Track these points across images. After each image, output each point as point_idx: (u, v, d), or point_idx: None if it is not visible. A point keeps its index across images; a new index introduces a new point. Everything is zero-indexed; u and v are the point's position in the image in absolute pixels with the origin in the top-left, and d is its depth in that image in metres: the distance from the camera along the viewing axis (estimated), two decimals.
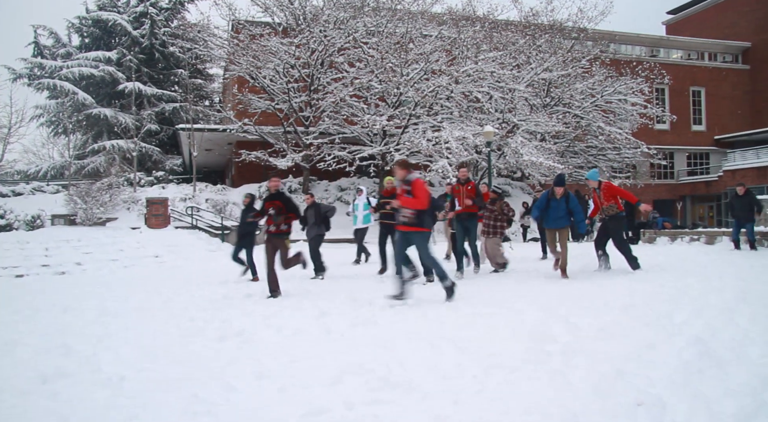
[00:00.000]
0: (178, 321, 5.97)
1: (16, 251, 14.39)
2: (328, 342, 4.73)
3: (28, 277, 12.52)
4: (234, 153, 25.32)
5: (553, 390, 3.28)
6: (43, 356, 4.56)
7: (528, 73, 23.92)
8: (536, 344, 4.31)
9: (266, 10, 23.75)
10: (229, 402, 3.28)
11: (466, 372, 3.68)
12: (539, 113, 24.22)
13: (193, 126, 25.17)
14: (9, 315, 6.78)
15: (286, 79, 22.01)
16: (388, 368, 3.81)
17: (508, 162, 23.03)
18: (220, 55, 24.77)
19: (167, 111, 31.99)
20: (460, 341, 4.50)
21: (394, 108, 22.15)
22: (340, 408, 3.11)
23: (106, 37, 34.08)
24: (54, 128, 35.27)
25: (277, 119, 23.31)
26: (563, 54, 26.06)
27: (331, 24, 22.14)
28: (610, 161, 28.17)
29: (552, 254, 10.02)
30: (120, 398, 3.41)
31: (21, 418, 3.13)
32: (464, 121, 22.27)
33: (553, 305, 5.87)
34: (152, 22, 32.29)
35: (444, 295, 6.65)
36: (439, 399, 3.20)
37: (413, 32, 23.12)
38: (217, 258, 15.30)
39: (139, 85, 30.87)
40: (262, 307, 6.79)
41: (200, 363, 4.17)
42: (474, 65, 22.06)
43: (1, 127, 26.67)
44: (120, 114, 30.43)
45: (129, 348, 4.74)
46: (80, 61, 31.20)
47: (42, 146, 40.58)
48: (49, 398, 3.46)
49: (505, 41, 25.39)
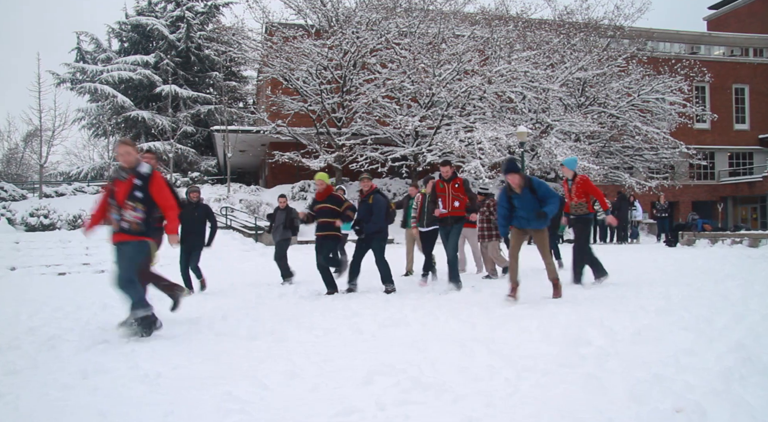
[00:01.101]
0: (211, 320, 6.06)
1: (59, 249, 14.84)
2: (359, 343, 4.74)
3: (69, 275, 12.89)
4: (267, 154, 25.61)
5: (587, 394, 3.22)
6: (84, 352, 4.69)
7: (562, 73, 23.58)
8: (570, 347, 4.24)
9: (299, 13, 23.97)
10: (262, 400, 3.31)
11: (498, 374, 3.64)
12: (574, 112, 23.86)
13: (227, 128, 25.56)
14: (52, 312, 6.99)
15: (319, 80, 22.17)
16: (420, 369, 3.80)
17: (541, 163, 22.76)
18: (254, 57, 25.09)
19: (202, 113, 32.57)
20: (492, 343, 4.46)
21: (426, 109, 22.10)
22: (371, 409, 3.11)
23: (144, 41, 34.90)
24: (94, 130, 36.27)
25: (309, 120, 23.50)
26: (599, 53, 25.59)
27: (364, 25, 22.21)
28: (647, 161, 27.56)
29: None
30: (156, 394, 3.48)
31: (63, 412, 3.23)
32: (497, 121, 22.09)
33: (586, 308, 5.77)
34: (188, 26, 32.93)
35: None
36: (471, 402, 3.18)
37: (446, 32, 23.02)
38: (250, 258, 15.49)
39: (176, 88, 31.52)
40: (294, 307, 6.85)
41: (233, 362, 4.23)
42: (507, 65, 21.86)
43: (45, 130, 27.51)
44: (157, 116, 31.12)
45: (164, 345, 4.83)
46: (119, 65, 32.03)
47: (83, 148, 41.86)
48: (90, 393, 3.56)
49: (539, 40, 25.09)
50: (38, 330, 5.72)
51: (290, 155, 22.47)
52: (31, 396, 3.52)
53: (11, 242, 15.20)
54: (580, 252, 7.89)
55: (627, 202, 20.05)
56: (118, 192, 5.09)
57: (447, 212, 7.71)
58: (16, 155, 42.30)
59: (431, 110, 22.12)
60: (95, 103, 33.09)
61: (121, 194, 5.07)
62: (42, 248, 14.98)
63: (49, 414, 3.20)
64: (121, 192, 5.07)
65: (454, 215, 7.73)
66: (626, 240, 19.48)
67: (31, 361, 4.43)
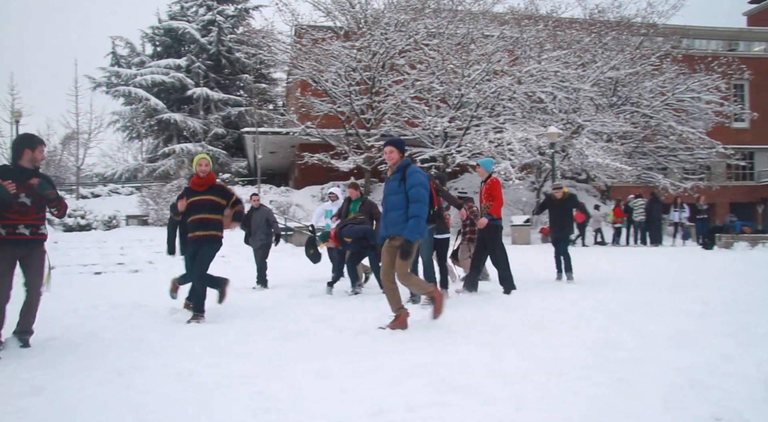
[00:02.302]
0: (243, 320, 6.14)
1: (95, 249, 15.19)
2: (389, 343, 4.74)
3: (105, 274, 13.18)
4: (297, 155, 25.81)
5: (621, 399, 3.16)
6: (119, 349, 4.79)
7: (594, 72, 23.24)
8: (602, 351, 4.18)
9: (328, 15, 24.11)
10: (293, 399, 3.34)
11: (529, 377, 3.61)
12: (605, 112, 23.48)
13: (257, 129, 25.85)
14: (88, 310, 7.17)
15: (348, 82, 22.26)
16: (449, 371, 3.79)
17: (572, 164, 22.47)
18: (283, 59, 25.33)
19: (233, 115, 33.00)
20: (522, 345, 4.42)
21: (455, 110, 22.01)
22: (402, 410, 3.11)
23: (177, 45, 35.52)
24: (128, 133, 37.07)
25: (338, 122, 23.61)
26: (631, 51, 25.14)
27: (392, 26, 22.23)
28: (681, 162, 26.94)
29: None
30: (188, 392, 3.54)
31: (99, 407, 3.30)
32: (527, 122, 21.86)
33: (619, 312, 5.68)
34: (219, 29, 33.40)
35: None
36: (501, 404, 3.15)
37: (474, 33, 22.90)
38: (280, 258, 15.62)
39: (207, 91, 32.01)
40: (325, 307, 6.90)
41: (264, 361, 4.27)
42: (537, 65, 21.63)
43: (82, 133, 28.25)
44: (189, 118, 31.64)
45: (197, 344, 4.91)
46: (152, 69, 32.66)
47: (117, 150, 42.72)
48: (124, 389, 3.63)
49: (570, 40, 24.77)
50: (76, 327, 5.86)
51: (319, 156, 22.61)
52: (69, 390, 3.61)
53: (50, 242, 15.54)
54: (499, 261, 7.70)
55: (659, 204, 19.66)
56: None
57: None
58: (54, 158, 43.47)
59: (460, 111, 22.01)
60: (129, 106, 33.80)
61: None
62: (79, 247, 15.36)
63: (86, 408, 3.28)
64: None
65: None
66: (660, 243, 19.09)
67: (70, 357, 4.55)
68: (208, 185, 6.32)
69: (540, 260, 8.78)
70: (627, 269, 10.44)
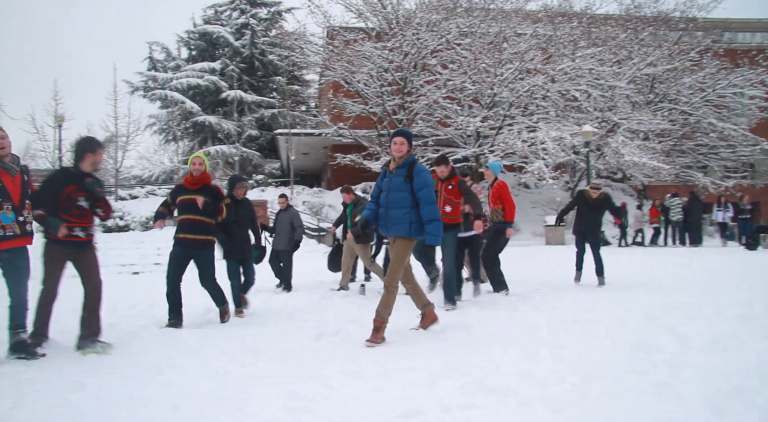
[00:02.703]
0: (277, 320, 6.20)
1: (133, 250, 15.55)
2: (421, 344, 4.73)
3: (143, 274, 13.47)
4: (329, 156, 25.98)
5: (661, 403, 3.08)
6: (157, 348, 4.89)
7: (630, 69, 22.79)
8: (640, 353, 4.09)
9: (360, 16, 24.20)
10: (326, 399, 3.35)
11: (565, 380, 3.55)
12: (642, 110, 22.99)
13: (290, 131, 26.11)
14: (128, 309, 7.33)
15: (380, 82, 22.30)
16: (483, 372, 3.75)
17: (608, 163, 22.08)
18: (315, 61, 25.52)
19: (266, 117, 33.40)
20: (557, 347, 4.35)
21: (488, 109, 21.85)
22: (435, 411, 3.09)
23: (211, 48, 36.12)
24: (165, 136, 37.84)
25: (371, 123, 23.67)
26: (669, 47, 24.57)
27: (424, 26, 22.19)
28: (723, 159, 26.19)
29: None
30: (225, 390, 3.59)
31: (140, 404, 3.38)
32: (561, 121, 21.56)
33: (657, 314, 5.54)
34: (252, 32, 33.85)
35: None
36: (536, 407, 3.11)
37: (507, 31, 22.69)
38: (314, 259, 15.74)
39: (240, 93, 32.47)
40: (357, 307, 6.92)
41: (298, 361, 4.30)
42: (571, 63, 21.31)
43: (120, 136, 28.93)
44: (223, 121, 32.14)
45: (232, 344, 4.97)
46: (188, 73, 33.29)
47: (154, 153, 43.56)
48: (163, 387, 3.70)
49: (605, 36, 24.34)
50: (116, 326, 6.00)
51: (352, 157, 22.71)
52: (111, 387, 3.70)
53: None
54: (488, 262, 7.60)
55: (699, 203, 19.13)
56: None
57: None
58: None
59: (493, 111, 21.83)
60: (165, 109, 34.52)
61: None
62: (118, 248, 15.74)
63: (127, 405, 3.36)
64: None
65: (444, 222, 6.67)
66: (700, 243, 18.58)
67: (111, 355, 4.66)
68: (201, 184, 6.04)
69: (574, 261, 8.61)
70: (665, 271, 10.19)
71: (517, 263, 10.83)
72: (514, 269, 9.75)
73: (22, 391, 3.67)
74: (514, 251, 13.29)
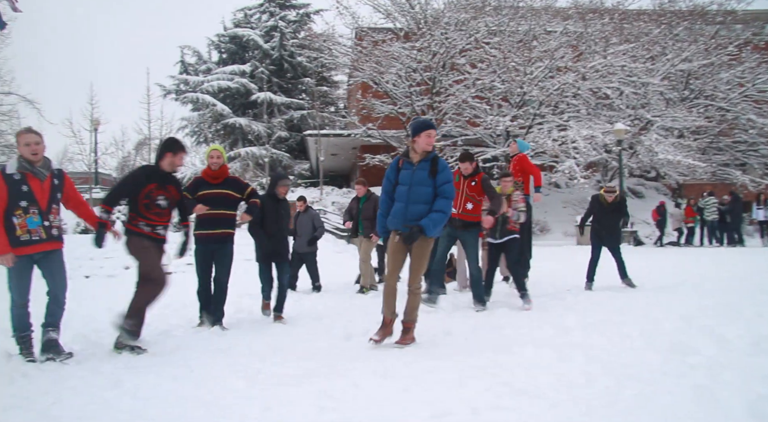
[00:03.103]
0: (306, 320, 6.24)
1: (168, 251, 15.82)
2: (450, 345, 4.70)
3: (175, 274, 13.66)
4: (358, 157, 26.05)
5: (698, 407, 2.99)
6: (189, 347, 4.97)
7: (663, 65, 22.28)
8: (676, 355, 3.99)
9: (388, 16, 24.21)
10: (355, 399, 3.36)
11: (597, 382, 3.48)
12: (676, 107, 22.47)
13: (319, 132, 26.26)
14: (161, 309, 7.45)
15: (408, 83, 22.28)
16: (512, 373, 3.71)
17: (641, 161, 21.64)
18: (344, 62, 25.62)
19: (295, 118, 33.66)
20: (589, 349, 4.28)
21: (517, 108, 21.63)
22: (464, 412, 3.06)
23: (241, 51, 36.54)
24: (196, 138, 38.43)
25: (399, 123, 23.65)
26: (705, 41, 23.86)
27: (452, 26, 22.09)
28: (763, 157, 25.39)
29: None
30: (255, 389, 3.62)
31: (174, 402, 3.43)
32: (592, 119, 21.22)
33: (693, 315, 5.39)
34: (281, 35, 34.14)
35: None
36: (567, 409, 3.06)
37: (537, 29, 22.43)
38: (342, 260, 15.79)
39: (270, 95, 32.78)
40: None
41: (327, 361, 4.32)
42: (603, 60, 20.96)
43: (154, 138, 29.53)
44: (253, 122, 32.49)
45: (262, 343, 5.02)
46: (218, 75, 33.75)
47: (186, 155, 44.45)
48: (196, 386, 3.76)
49: (637, 32, 23.81)
50: (150, 325, 6.10)
51: (381, 157, 22.73)
52: (146, 385, 3.77)
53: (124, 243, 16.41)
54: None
55: (740, 202, 18.59)
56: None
57: (457, 213, 6.44)
58: (128, 163, 45.81)
59: (523, 109, 21.61)
60: (197, 112, 35.04)
61: None
62: None
63: (161, 403, 3.42)
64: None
65: (464, 220, 6.58)
66: (742, 243, 18.03)
67: (146, 354, 4.75)
68: (222, 177, 5.89)
69: (607, 260, 8.45)
70: (701, 271, 9.94)
71: (549, 264, 10.69)
72: (545, 270, 9.65)
73: (62, 388, 3.77)
74: (545, 251, 13.15)
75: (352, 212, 9.29)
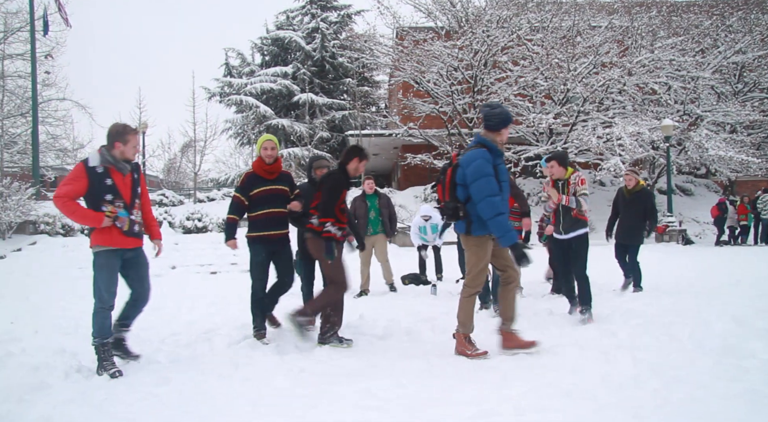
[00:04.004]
0: (349, 319, 6.28)
1: (210, 250, 16.17)
2: (492, 344, 4.67)
3: (220, 274, 14.00)
4: (399, 157, 26.07)
5: (752, 412, 2.91)
6: (234, 345, 5.07)
7: (715, 58, 21.51)
8: (728, 358, 3.87)
9: (429, 15, 24.14)
10: (399, 398, 3.38)
11: (645, 384, 3.41)
12: (729, 101, 21.67)
13: (361, 132, 26.40)
14: (205, 307, 7.66)
15: (450, 81, 22.17)
16: (558, 374, 3.67)
17: (690, 158, 20.96)
18: (385, 62, 25.65)
19: (337, 119, 33.93)
20: (637, 351, 4.19)
21: (561, 105, 21.25)
22: (509, 413, 3.05)
23: (283, 53, 37.06)
24: (240, 139, 39.16)
25: (441, 122, 23.56)
26: (761, 32, 22.93)
27: (494, 23, 21.86)
28: None
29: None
30: (300, 388, 3.68)
31: (219, 399, 3.53)
32: (639, 115, 20.66)
33: (746, 317, 5.21)
34: (323, 36, 34.47)
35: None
36: (616, 411, 3.01)
37: (580, 25, 21.98)
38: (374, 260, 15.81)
39: (312, 96, 33.14)
40: (428, 308, 6.91)
41: (370, 360, 4.35)
42: (650, 54, 20.37)
43: (199, 140, 30.21)
44: (295, 123, 32.90)
45: (305, 342, 5.08)
46: (261, 77, 34.31)
47: (230, 156, 45.19)
48: (241, 383, 3.85)
49: (687, 25, 23.06)
50: (195, 323, 6.29)
51: (422, 157, 22.70)
52: (193, 382, 3.89)
53: (171, 243, 16.83)
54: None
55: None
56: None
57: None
58: (174, 165, 47.04)
59: (566, 107, 21.21)
60: (240, 114, 35.70)
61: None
62: (196, 248, 16.42)
63: (208, 399, 3.52)
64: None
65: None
66: None
67: (191, 352, 4.89)
68: (278, 172, 5.36)
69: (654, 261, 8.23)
70: (755, 272, 9.58)
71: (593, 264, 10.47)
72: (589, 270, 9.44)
73: (113, 384, 3.92)
74: (590, 252, 12.86)
75: (358, 212, 8.58)
